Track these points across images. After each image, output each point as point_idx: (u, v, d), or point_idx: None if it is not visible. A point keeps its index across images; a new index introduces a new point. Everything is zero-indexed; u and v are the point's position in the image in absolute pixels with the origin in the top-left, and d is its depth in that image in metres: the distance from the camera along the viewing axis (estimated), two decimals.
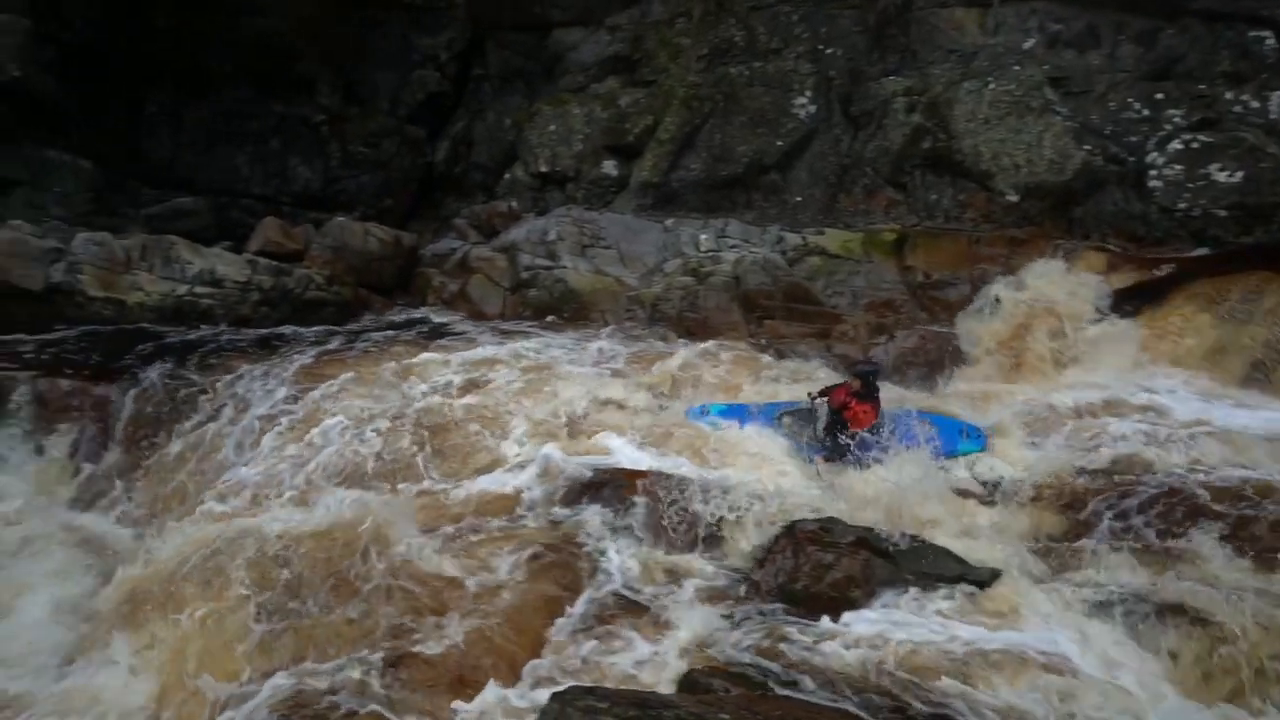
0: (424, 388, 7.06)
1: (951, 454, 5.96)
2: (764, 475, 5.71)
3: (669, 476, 5.56)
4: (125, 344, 7.90)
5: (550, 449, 6.03)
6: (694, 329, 9.02)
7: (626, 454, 6.09)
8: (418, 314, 9.55)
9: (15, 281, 8.55)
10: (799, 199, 10.19)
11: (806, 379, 7.65)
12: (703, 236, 9.80)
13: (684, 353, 7.79)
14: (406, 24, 11.24)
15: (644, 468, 5.77)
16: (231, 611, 4.24)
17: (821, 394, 6.21)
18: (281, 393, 6.99)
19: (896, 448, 5.59)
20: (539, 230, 10.01)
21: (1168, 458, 5.35)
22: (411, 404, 6.68)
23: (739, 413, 6.53)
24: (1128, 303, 7.55)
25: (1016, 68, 9.28)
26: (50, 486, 6.36)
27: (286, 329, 8.68)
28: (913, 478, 5.17)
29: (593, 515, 5.27)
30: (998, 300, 7.80)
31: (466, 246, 10.37)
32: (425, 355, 7.69)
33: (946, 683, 3.21)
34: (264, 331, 8.59)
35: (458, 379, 7.25)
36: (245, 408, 6.89)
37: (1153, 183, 8.54)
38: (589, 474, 5.72)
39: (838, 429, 5.92)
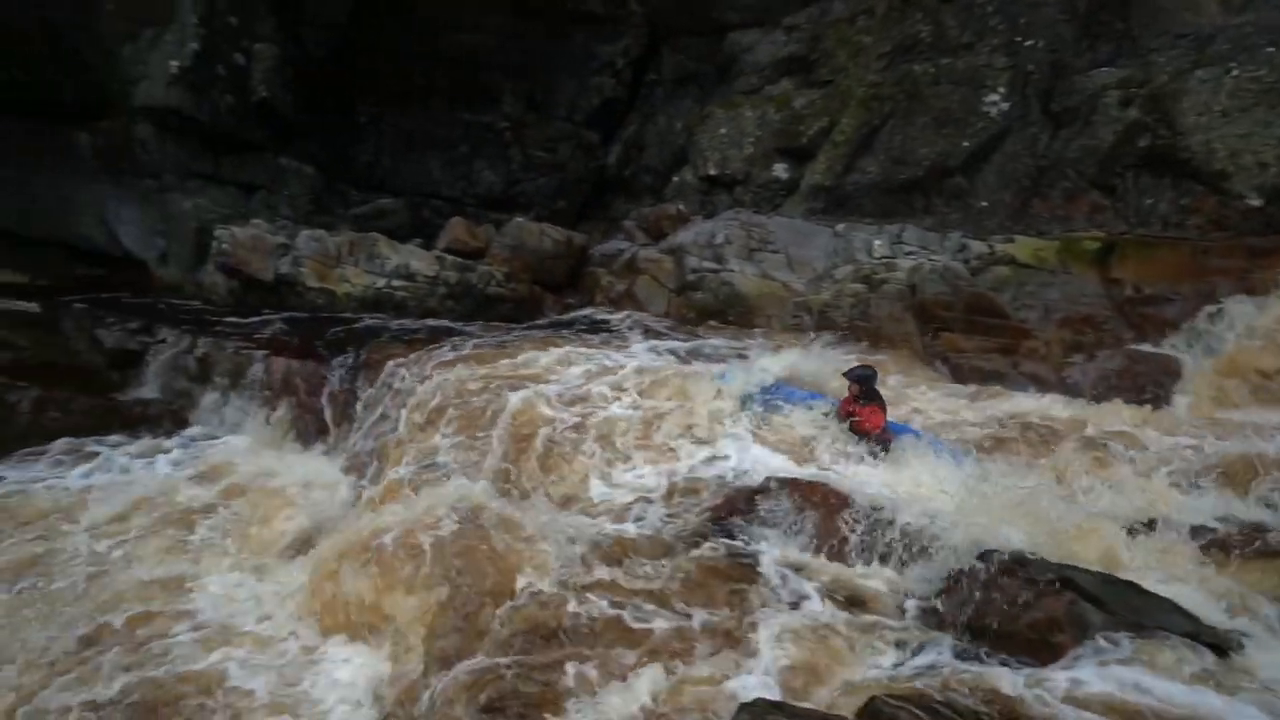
0: (580, 385, 6.92)
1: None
2: (929, 493, 5.41)
3: (838, 490, 5.38)
4: (334, 328, 8.79)
5: (708, 454, 5.96)
6: (864, 338, 8.70)
7: (785, 464, 5.96)
8: (586, 312, 9.92)
9: (253, 272, 9.85)
10: (985, 204, 9.50)
11: (988, 398, 7.17)
12: (876, 242, 9.39)
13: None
14: (587, 34, 11.70)
15: (810, 479, 5.62)
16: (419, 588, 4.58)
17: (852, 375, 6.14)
18: (436, 378, 7.12)
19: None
20: (706, 233, 10.06)
21: None
22: (568, 403, 6.54)
23: (781, 394, 6.39)
24: None
25: (1270, 49, 8.03)
26: (277, 445, 7.24)
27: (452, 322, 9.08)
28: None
29: (756, 529, 5.15)
30: (1233, 319, 6.83)
31: (634, 248, 10.64)
32: (583, 351, 7.78)
33: None
34: (447, 323, 9.25)
35: (616, 379, 7.09)
36: (406, 392, 7.08)
37: None
38: (752, 483, 5.63)
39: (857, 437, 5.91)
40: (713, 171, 10.97)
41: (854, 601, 4.38)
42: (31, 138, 11.34)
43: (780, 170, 10.71)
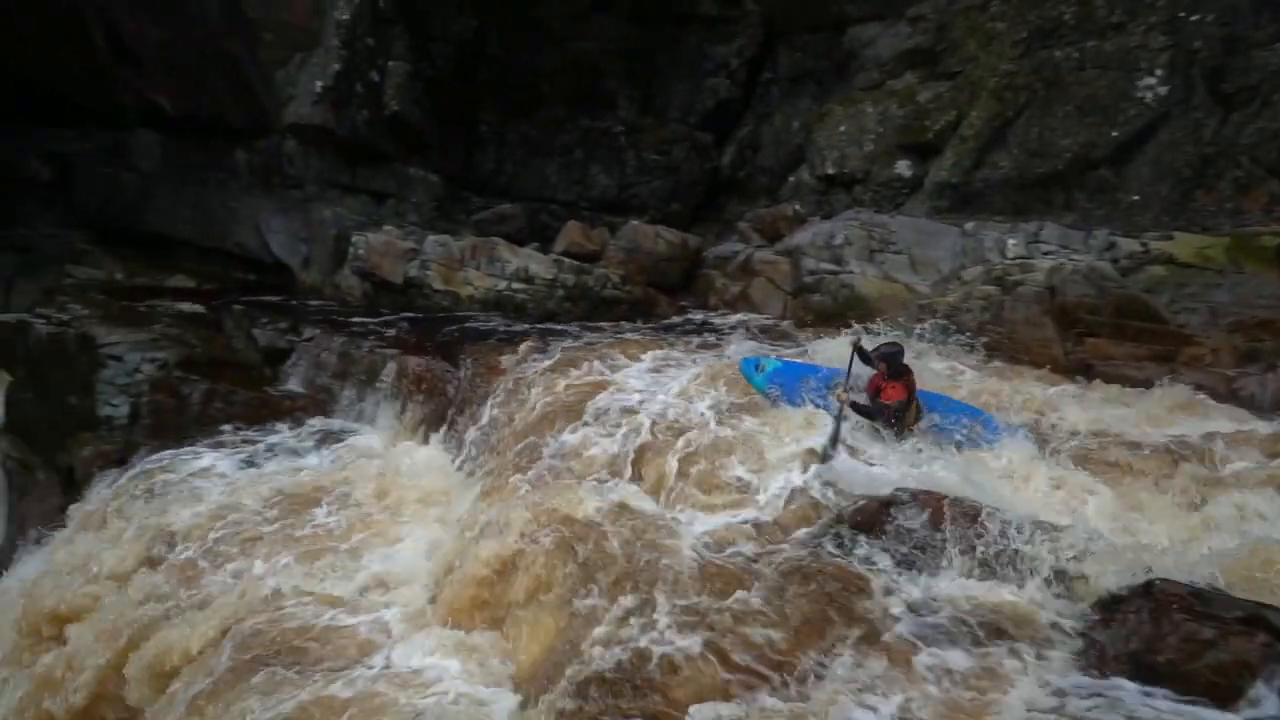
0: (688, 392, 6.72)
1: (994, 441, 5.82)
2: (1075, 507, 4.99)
3: (975, 503, 5.06)
4: (458, 328, 9.15)
5: (822, 465, 5.75)
6: (996, 343, 8.17)
7: (910, 472, 5.67)
8: (700, 315, 9.87)
9: (385, 275, 10.46)
10: (1136, 197, 8.72)
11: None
12: (1010, 241, 8.82)
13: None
14: (701, 35, 11.67)
15: (942, 489, 5.32)
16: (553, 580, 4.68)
17: (864, 354, 6.01)
18: (550, 380, 7.20)
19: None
20: (824, 234, 9.79)
21: None
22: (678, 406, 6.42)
23: (791, 380, 6.19)
24: None
25: None
26: (406, 439, 7.63)
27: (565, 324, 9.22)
28: None
29: (884, 545, 4.86)
30: None
31: (749, 249, 10.51)
32: (700, 354, 7.78)
33: None
34: (563, 325, 9.45)
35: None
36: (522, 391, 7.21)
37: None
38: (876, 494, 5.38)
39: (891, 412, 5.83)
40: (831, 171, 10.66)
41: (997, 628, 4.07)
42: (204, 157, 12.66)
43: (903, 167, 10.27)
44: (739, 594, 4.37)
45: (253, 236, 12.55)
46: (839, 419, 5.51)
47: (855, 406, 5.70)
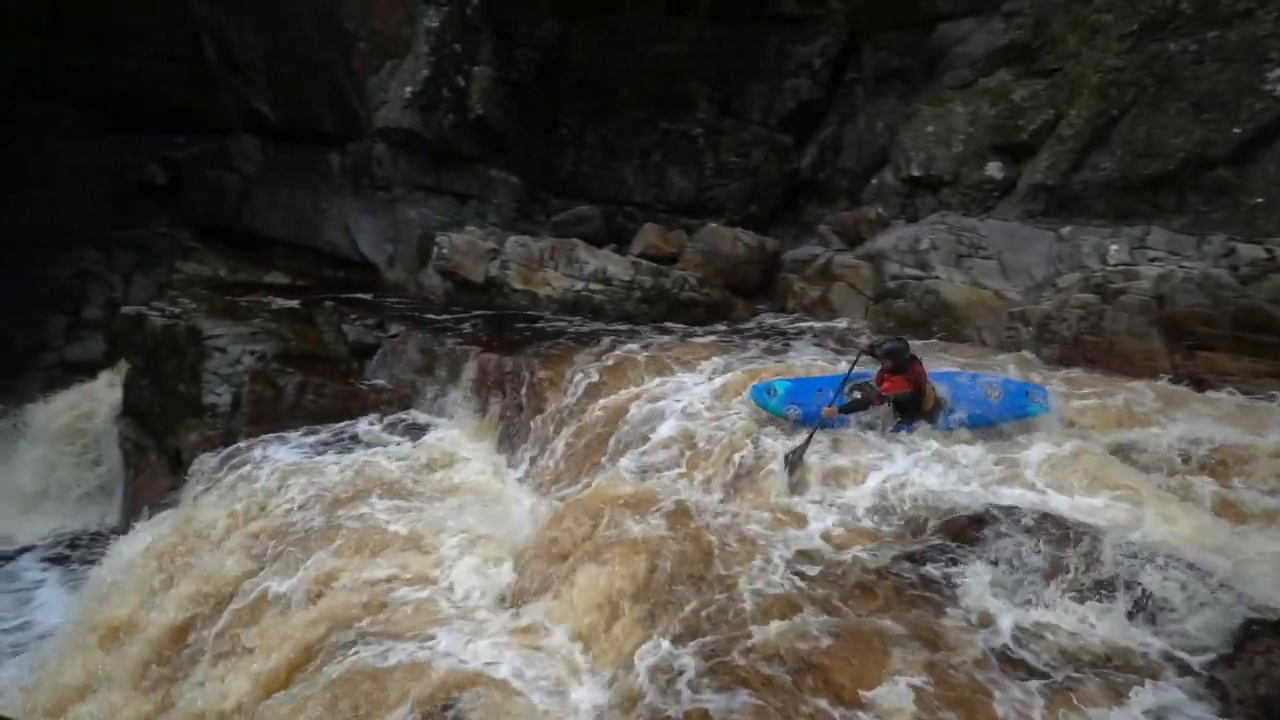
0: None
1: (1020, 416, 5.92)
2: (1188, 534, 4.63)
3: (1075, 522, 4.77)
4: (537, 328, 9.32)
5: (893, 472, 5.51)
6: (1095, 355, 7.73)
7: (990, 487, 5.40)
8: (776, 319, 9.72)
9: (466, 275, 10.72)
10: (1260, 200, 8.06)
11: None
12: (1113, 247, 8.31)
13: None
14: (783, 35, 11.49)
15: (1039, 507, 5.04)
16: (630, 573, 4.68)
17: (870, 350, 6.22)
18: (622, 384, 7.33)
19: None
20: (909, 238, 9.47)
21: None
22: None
23: (806, 394, 6.19)
24: None
25: None
26: (485, 437, 7.79)
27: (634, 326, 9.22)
28: None
29: (973, 567, 4.56)
30: None
31: (829, 253, 10.28)
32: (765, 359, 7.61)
33: None
34: (639, 327, 9.46)
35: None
36: (594, 394, 7.32)
37: None
38: (963, 509, 5.14)
39: (906, 406, 5.99)
40: (917, 173, 10.30)
41: (1100, 662, 3.81)
42: (300, 160, 13.36)
43: (994, 169, 9.83)
44: (807, 611, 4.21)
45: (342, 236, 13.12)
46: (814, 430, 5.77)
47: (844, 408, 5.92)
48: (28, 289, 12.52)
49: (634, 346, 8.06)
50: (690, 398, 6.81)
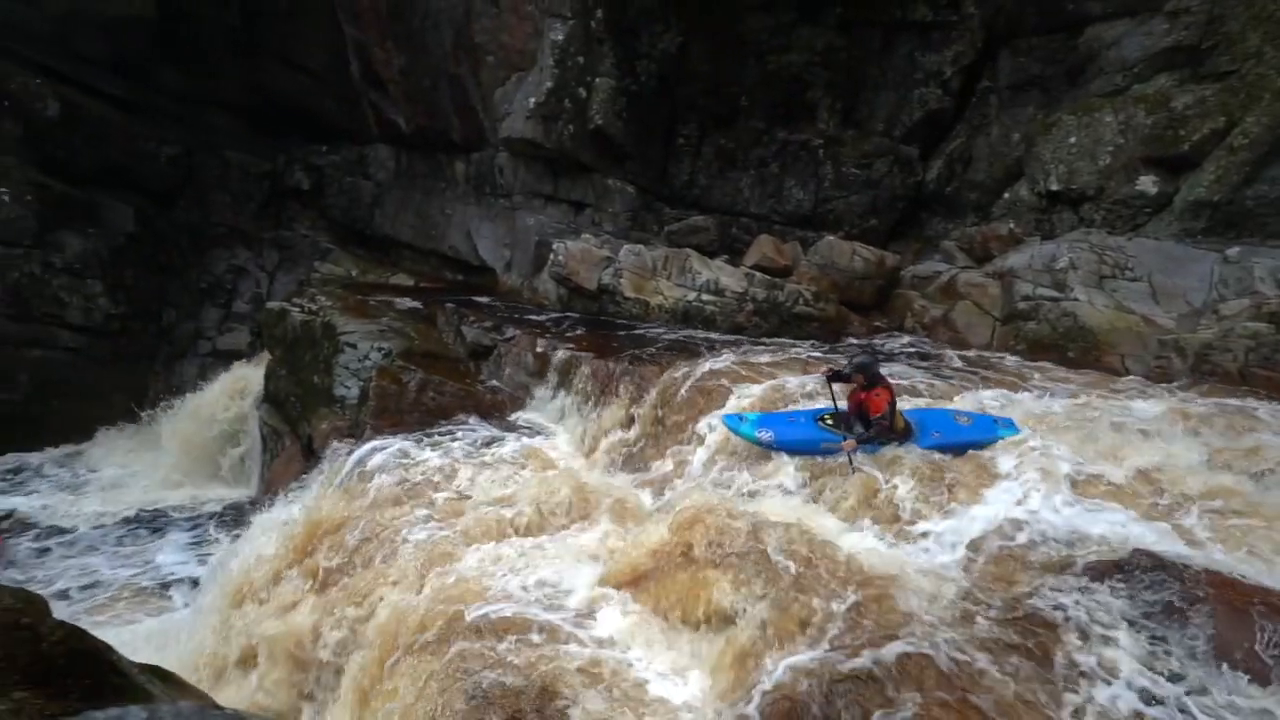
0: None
1: (991, 439, 5.80)
2: None
3: (1242, 580, 4.25)
4: (649, 337, 9.36)
5: (1012, 501, 5.12)
6: (1266, 389, 6.93)
7: (1126, 524, 4.89)
8: (900, 340, 9.31)
9: (580, 282, 10.92)
10: None
11: None
12: None
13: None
14: (913, 43, 11.05)
15: (1189, 559, 4.53)
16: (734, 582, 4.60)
17: (836, 377, 6.08)
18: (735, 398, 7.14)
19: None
20: (1045, 256, 8.86)
21: None
22: None
23: (780, 422, 6.17)
24: None
25: None
26: (596, 442, 7.83)
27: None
28: None
29: (1110, 613, 4.12)
30: None
31: (954, 270, 9.77)
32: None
33: None
34: (749, 339, 9.32)
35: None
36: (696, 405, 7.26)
37: None
38: (1117, 552, 4.68)
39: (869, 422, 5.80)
40: (1055, 186, 9.62)
41: None
42: (428, 168, 14.14)
43: (1146, 183, 9.03)
44: (901, 644, 3.99)
45: (464, 241, 13.73)
46: (853, 468, 5.60)
47: (863, 439, 5.73)
48: (190, 282, 13.89)
49: (756, 358, 7.91)
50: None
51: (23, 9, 12.82)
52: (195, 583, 8.38)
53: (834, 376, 6.06)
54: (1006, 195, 10.36)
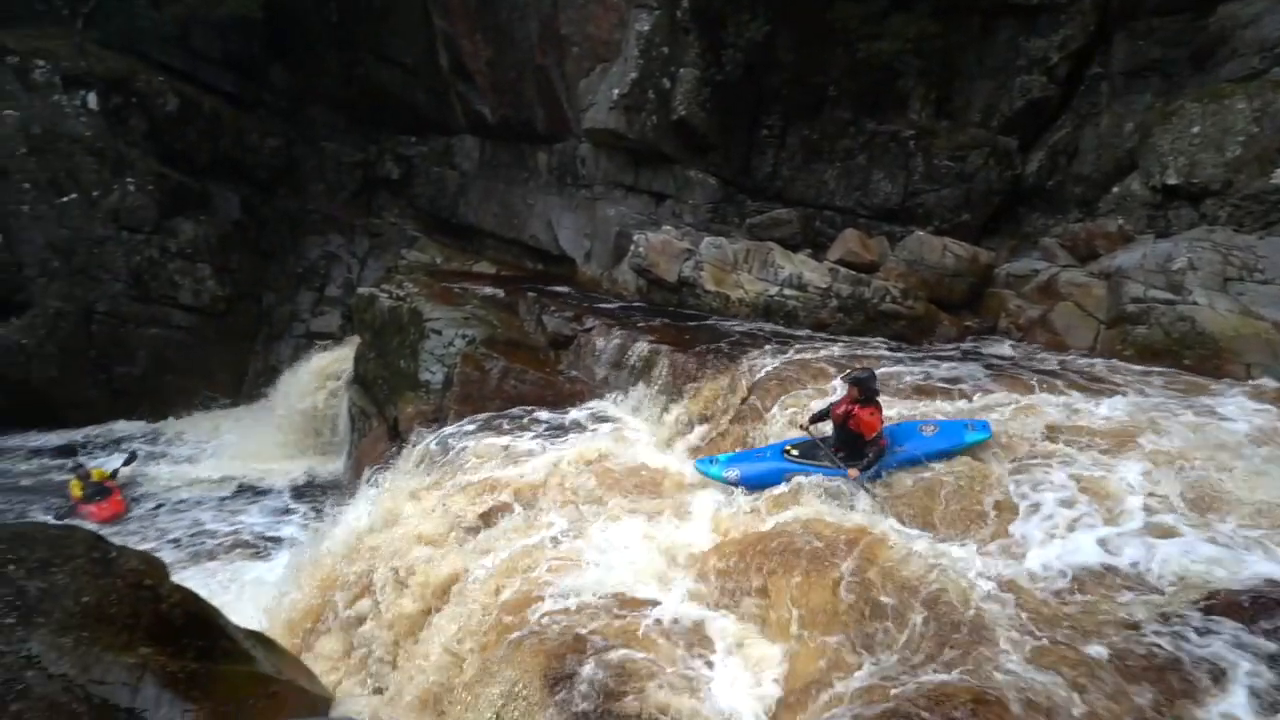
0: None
1: (959, 446, 5.58)
2: None
3: None
4: (729, 332, 9.16)
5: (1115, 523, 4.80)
6: None
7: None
8: (992, 341, 8.87)
9: (660, 274, 10.89)
10: None
11: None
12: None
13: None
14: (1016, 28, 10.45)
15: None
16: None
17: (815, 419, 6.04)
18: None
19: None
20: (1160, 255, 8.24)
21: None
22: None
23: (748, 459, 6.19)
24: None
25: None
26: (673, 435, 7.81)
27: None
28: None
29: (1239, 652, 3.82)
30: None
31: (1054, 269, 9.21)
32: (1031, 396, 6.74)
33: None
34: (835, 337, 9.05)
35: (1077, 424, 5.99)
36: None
37: None
38: (1223, 583, 4.31)
39: (855, 442, 5.63)
40: (1173, 180, 8.92)
41: None
42: (512, 159, 14.39)
43: None
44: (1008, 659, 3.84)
45: (544, 230, 13.91)
46: (870, 494, 5.46)
47: (865, 466, 5.58)
48: (288, 267, 14.63)
49: (848, 360, 7.67)
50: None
51: (147, 12, 13.74)
52: (282, 542, 9.18)
53: (815, 419, 6.05)
54: (1116, 189, 9.69)
